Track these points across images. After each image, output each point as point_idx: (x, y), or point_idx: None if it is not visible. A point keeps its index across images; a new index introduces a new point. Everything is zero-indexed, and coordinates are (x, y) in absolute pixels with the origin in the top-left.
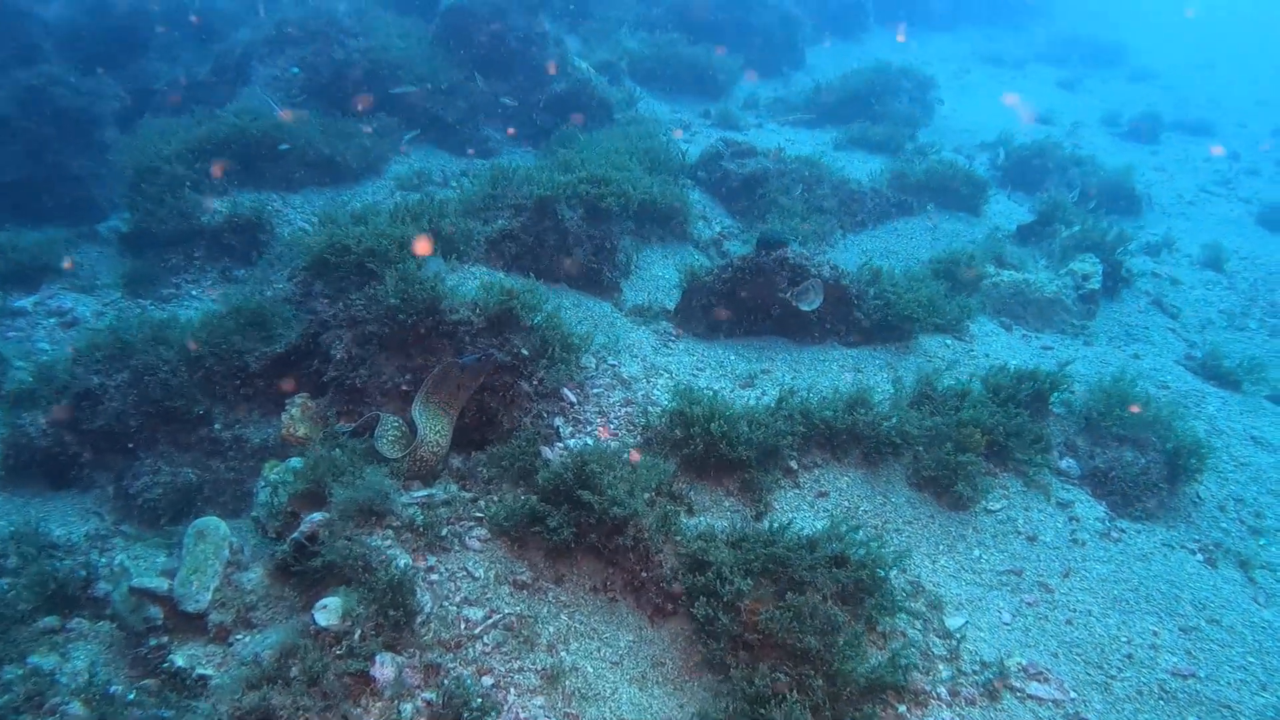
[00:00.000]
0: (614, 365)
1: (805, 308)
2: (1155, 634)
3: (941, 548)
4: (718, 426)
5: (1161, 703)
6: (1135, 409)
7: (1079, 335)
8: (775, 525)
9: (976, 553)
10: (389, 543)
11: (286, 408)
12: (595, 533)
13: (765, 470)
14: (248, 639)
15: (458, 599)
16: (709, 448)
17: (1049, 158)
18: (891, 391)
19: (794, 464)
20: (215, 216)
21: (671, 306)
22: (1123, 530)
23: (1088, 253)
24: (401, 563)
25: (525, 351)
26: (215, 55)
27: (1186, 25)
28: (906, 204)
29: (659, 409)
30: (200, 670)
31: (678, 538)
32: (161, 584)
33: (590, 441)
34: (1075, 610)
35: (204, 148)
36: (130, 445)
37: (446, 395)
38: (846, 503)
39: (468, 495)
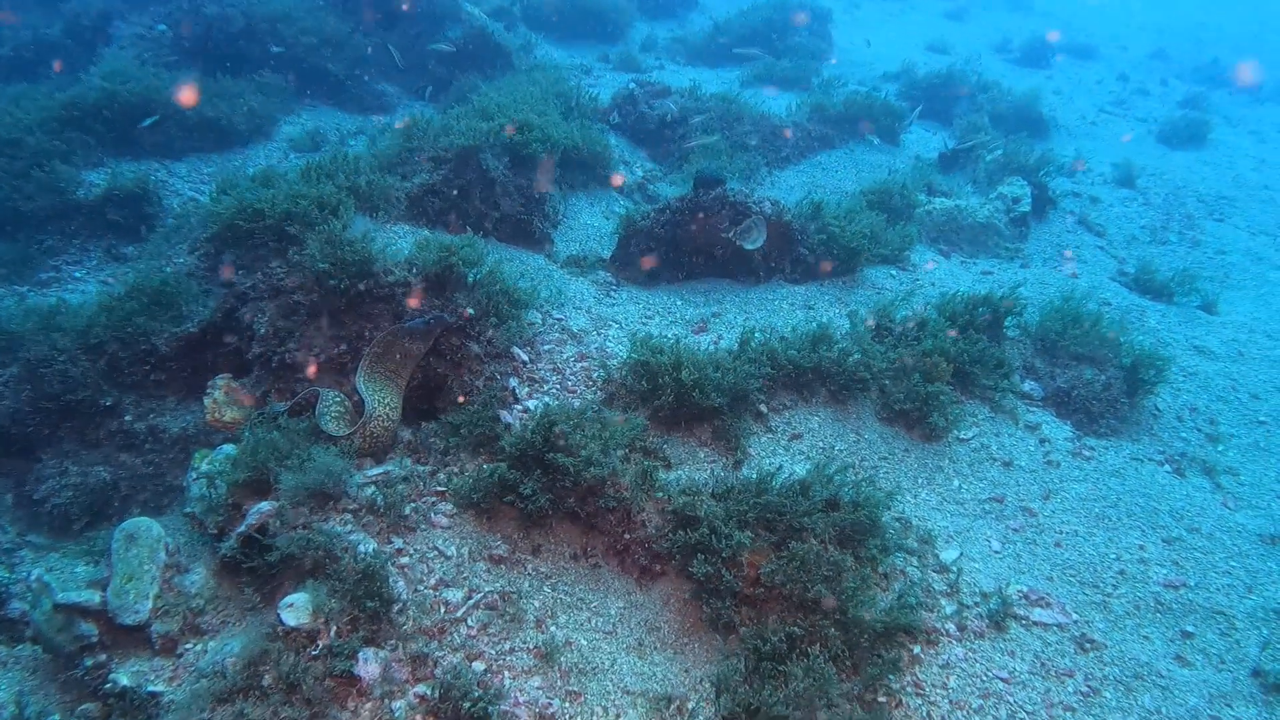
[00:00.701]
0: (560, 319)
1: (749, 246)
2: (1141, 548)
3: (921, 481)
4: (688, 374)
5: (1159, 615)
6: (1088, 327)
7: (1014, 258)
8: (763, 472)
9: (956, 483)
10: (349, 528)
11: (208, 391)
12: (571, 497)
13: (737, 417)
14: (200, 648)
15: (432, 581)
16: (680, 397)
17: (956, 86)
18: (848, 327)
19: (763, 408)
20: (92, 190)
21: (607, 255)
22: (1092, 448)
23: (1014, 176)
24: (367, 548)
25: (471, 310)
26: (67, 14)
27: None
28: (828, 137)
29: (616, 361)
30: (150, 687)
31: (659, 494)
32: (92, 597)
33: (550, 401)
34: (1062, 532)
35: (70, 115)
36: (29, 446)
37: (392, 364)
38: (821, 443)
39: (425, 469)
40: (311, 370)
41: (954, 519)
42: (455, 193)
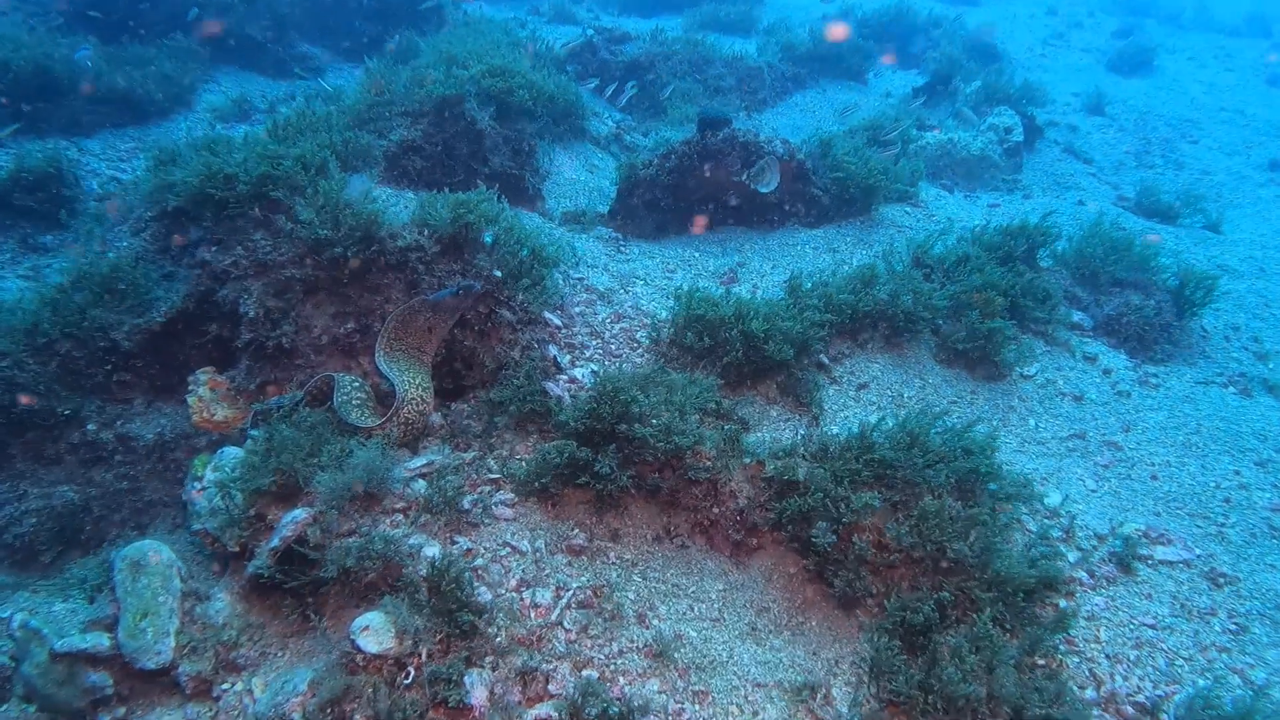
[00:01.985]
0: (581, 279)
1: (764, 190)
2: (1237, 473)
3: (996, 423)
4: (759, 325)
5: (1277, 541)
6: (1132, 252)
7: (1014, 190)
8: (866, 426)
9: (1032, 422)
10: (404, 530)
11: (190, 388)
12: (654, 471)
13: (802, 369)
14: (242, 687)
15: (513, 582)
16: (750, 351)
17: (905, 21)
18: (883, 267)
19: (824, 358)
20: None
21: (604, 210)
22: (1155, 375)
23: (1000, 106)
24: (433, 552)
25: (499, 273)
26: None
27: None
28: (800, 77)
29: (656, 318)
30: None
31: (747, 460)
32: (99, 640)
33: (595, 368)
34: (1153, 464)
35: None
36: None
37: (415, 339)
38: (889, 392)
39: (469, 455)
40: (312, 355)
41: (1040, 460)
42: (439, 148)
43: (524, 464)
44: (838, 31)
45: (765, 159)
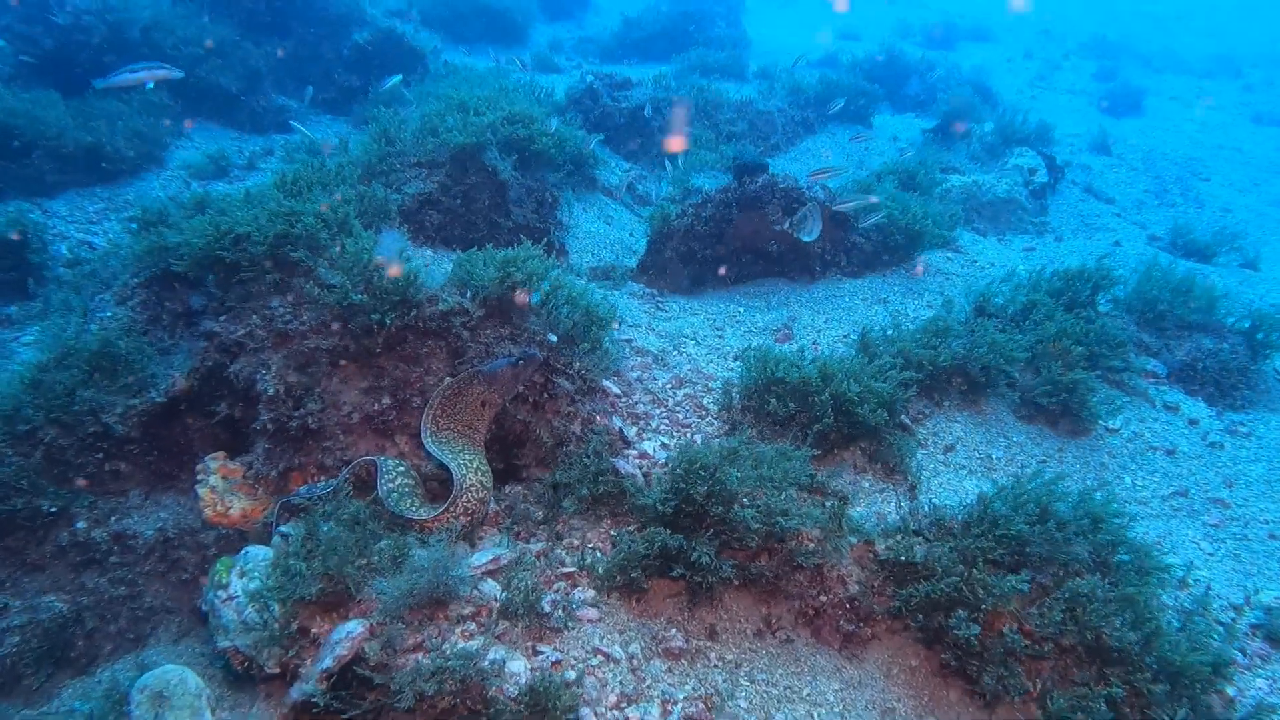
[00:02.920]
0: (628, 340)
1: (806, 239)
2: None
3: (1090, 482)
4: (852, 387)
5: None
6: (1198, 294)
7: (1044, 232)
8: (987, 497)
9: (1128, 480)
10: (479, 641)
11: (199, 478)
12: (758, 558)
13: (890, 432)
14: None
15: (612, 698)
16: (841, 415)
17: (897, 65)
18: (950, 318)
19: (905, 419)
20: None
21: (632, 264)
22: (1240, 423)
23: (1019, 147)
24: (517, 667)
25: (553, 337)
26: None
27: None
28: (809, 121)
29: (721, 382)
30: None
31: (853, 540)
32: None
33: (665, 440)
34: (1267, 521)
35: None
36: None
37: (467, 416)
38: (976, 453)
39: (535, 545)
40: (340, 436)
41: (1146, 522)
42: (458, 201)
43: (602, 554)
44: None
45: (808, 206)
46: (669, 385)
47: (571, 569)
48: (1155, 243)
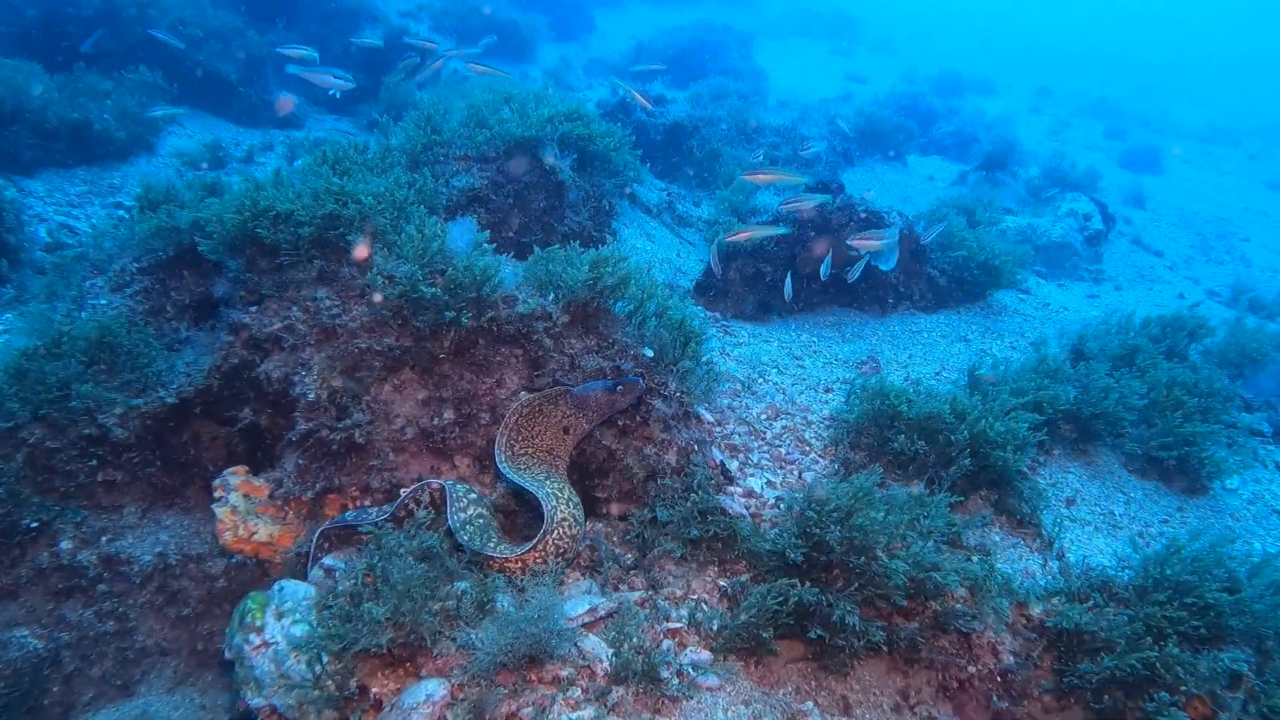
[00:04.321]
0: (709, 365)
1: (885, 267)
2: None
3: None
4: (994, 426)
5: None
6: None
7: (1101, 280)
8: (1154, 558)
9: (1257, 545)
10: (590, 713)
11: (217, 497)
12: (907, 620)
13: (1019, 480)
14: None
15: None
16: (979, 457)
17: (920, 107)
18: (1034, 360)
19: (1025, 466)
20: None
21: (687, 285)
22: None
23: (1071, 192)
24: None
25: (649, 352)
26: None
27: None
28: (850, 154)
29: (819, 415)
30: None
31: (1002, 601)
32: None
33: (771, 477)
34: None
35: None
36: None
37: (548, 440)
38: (1098, 508)
39: (634, 595)
40: (390, 455)
41: None
42: (510, 200)
43: (709, 608)
44: None
45: (889, 231)
46: (764, 415)
47: (679, 624)
48: (1215, 298)
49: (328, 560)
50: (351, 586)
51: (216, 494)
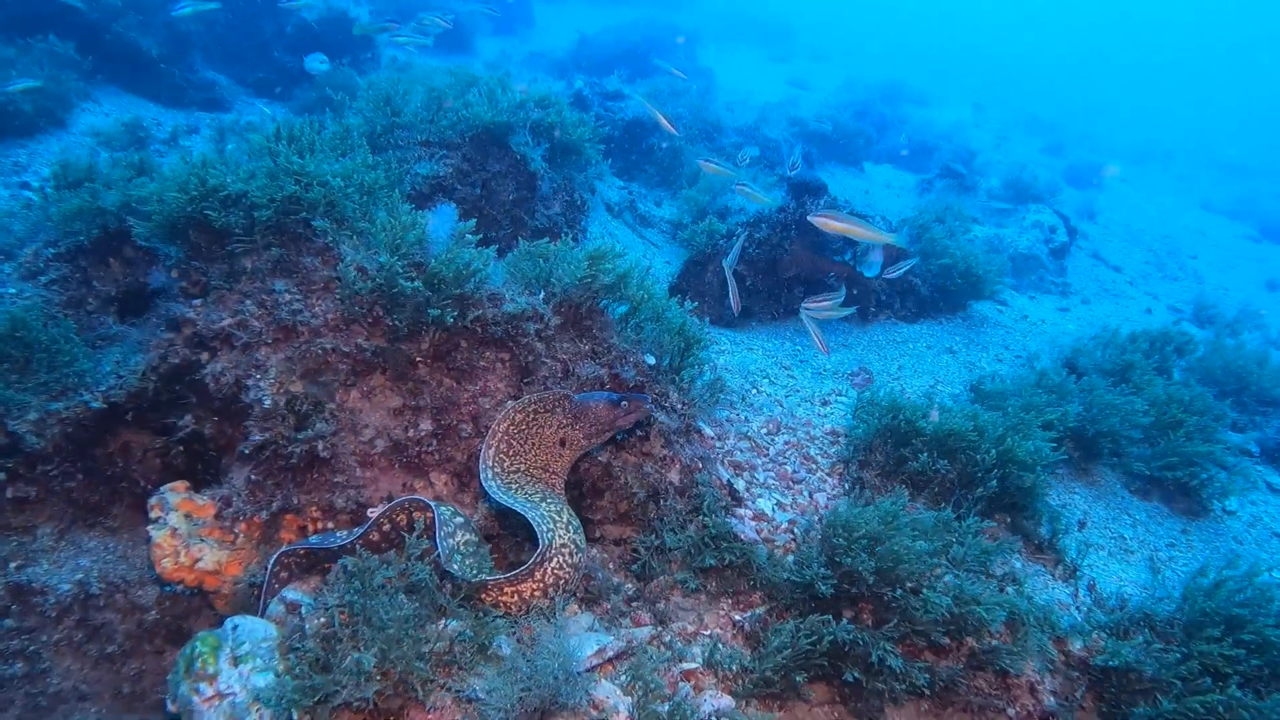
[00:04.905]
0: (715, 375)
1: (869, 273)
2: None
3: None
4: (1022, 445)
5: None
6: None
7: (1068, 293)
8: (1199, 589)
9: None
10: None
11: (154, 516)
12: (945, 658)
13: (1038, 501)
14: None
15: None
16: (1004, 479)
17: (871, 116)
18: (1034, 375)
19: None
20: None
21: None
22: None
23: (1034, 204)
24: None
25: (650, 358)
26: None
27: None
28: (810, 156)
29: (821, 429)
30: None
31: (1043, 637)
32: None
33: (780, 498)
34: None
35: None
36: None
37: (541, 455)
38: (1108, 531)
39: (642, 632)
40: (357, 470)
41: None
42: (478, 190)
43: (723, 646)
44: None
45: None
46: (764, 430)
47: (693, 665)
48: (1178, 314)
49: (289, 593)
50: (323, 626)
51: (153, 514)
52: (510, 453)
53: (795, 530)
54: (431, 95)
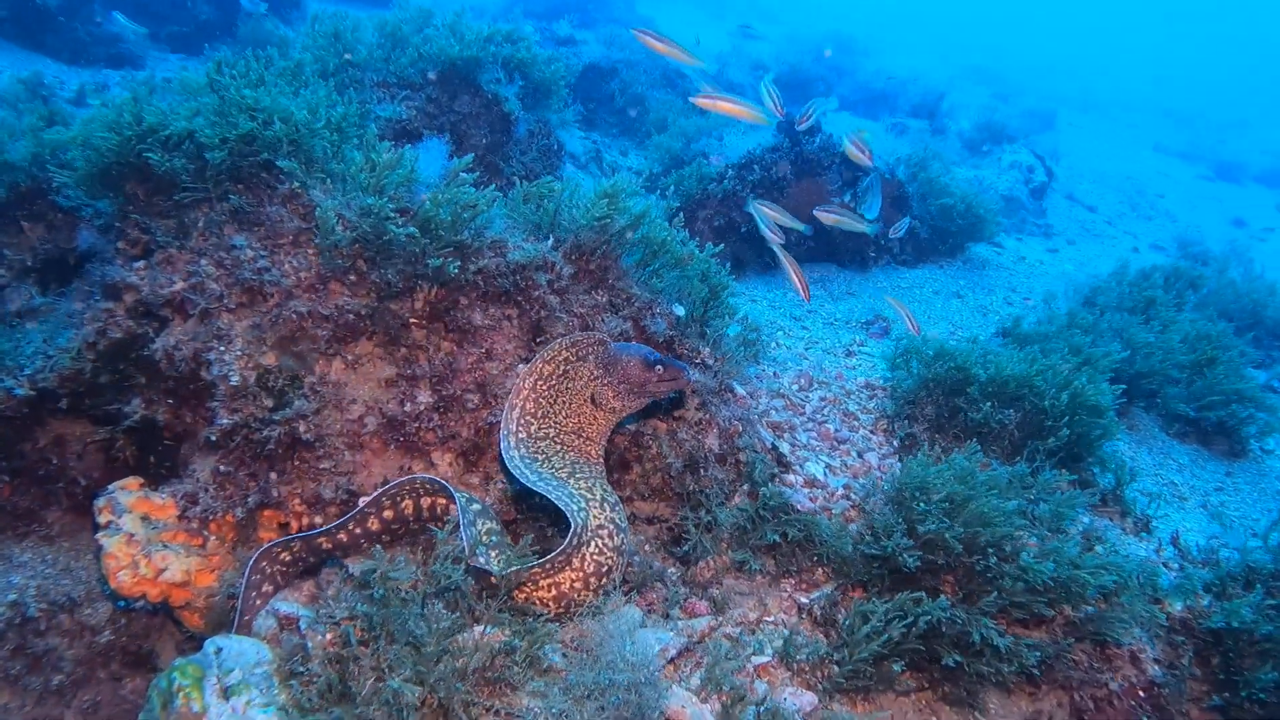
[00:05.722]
0: (752, 327)
1: (869, 214)
2: None
3: (1271, 514)
4: (1089, 390)
5: None
6: None
7: (1051, 235)
8: None
9: None
10: None
11: (104, 521)
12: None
13: (1098, 449)
14: None
15: None
16: (1075, 425)
17: (822, 65)
18: (1057, 315)
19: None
20: None
21: None
22: None
23: (1008, 144)
24: None
25: (680, 309)
26: None
27: None
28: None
29: (853, 383)
30: None
31: (1142, 601)
32: None
33: (830, 461)
34: None
35: None
36: None
37: (572, 417)
38: (1158, 477)
39: (701, 623)
40: (345, 455)
41: None
42: (445, 135)
43: (788, 633)
44: None
45: (871, 176)
46: (795, 386)
47: (767, 659)
48: (1160, 251)
49: (282, 605)
50: (331, 644)
51: (102, 519)
52: (539, 413)
53: (852, 496)
54: (386, 31)
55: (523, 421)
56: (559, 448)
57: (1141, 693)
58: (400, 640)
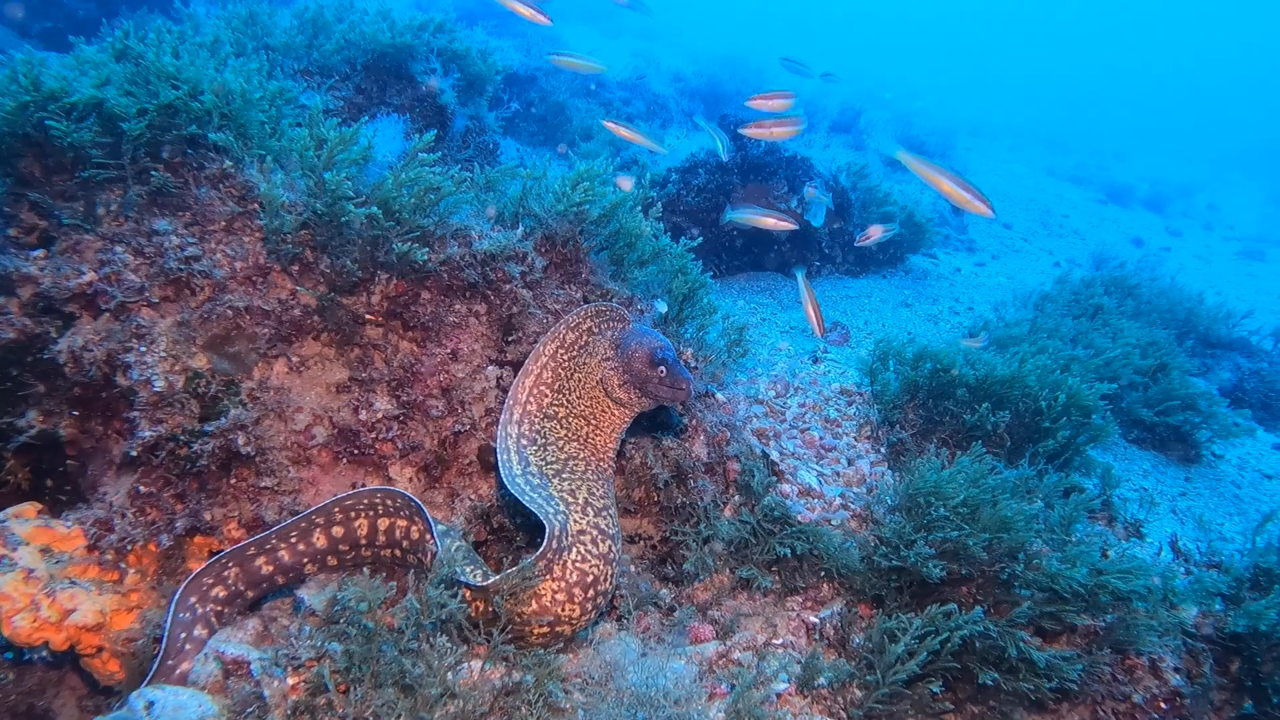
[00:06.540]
0: (736, 327)
1: (817, 222)
2: None
3: (1233, 517)
4: (1085, 391)
5: None
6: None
7: (974, 249)
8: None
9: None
10: None
11: None
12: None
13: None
14: None
15: None
16: (1073, 433)
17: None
18: (1013, 318)
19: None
20: None
21: None
22: None
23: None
24: None
25: (662, 305)
26: None
27: None
28: (691, 113)
29: (830, 389)
30: None
31: (1161, 617)
32: None
33: (821, 470)
34: None
35: None
36: None
37: (583, 401)
38: (1130, 483)
39: (709, 648)
40: (289, 470)
41: None
42: (374, 134)
43: (798, 656)
44: None
45: (817, 181)
46: (772, 392)
47: (784, 686)
48: (1079, 267)
49: (227, 647)
50: (294, 690)
51: None
52: (556, 385)
53: (851, 505)
54: (305, 17)
55: (536, 392)
56: (563, 433)
57: (1164, 704)
58: (387, 683)
